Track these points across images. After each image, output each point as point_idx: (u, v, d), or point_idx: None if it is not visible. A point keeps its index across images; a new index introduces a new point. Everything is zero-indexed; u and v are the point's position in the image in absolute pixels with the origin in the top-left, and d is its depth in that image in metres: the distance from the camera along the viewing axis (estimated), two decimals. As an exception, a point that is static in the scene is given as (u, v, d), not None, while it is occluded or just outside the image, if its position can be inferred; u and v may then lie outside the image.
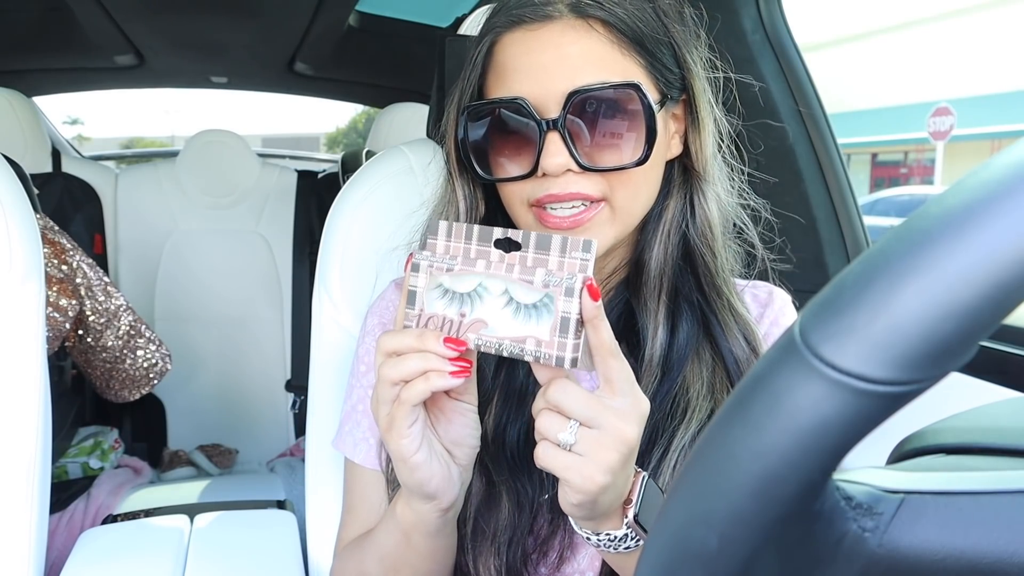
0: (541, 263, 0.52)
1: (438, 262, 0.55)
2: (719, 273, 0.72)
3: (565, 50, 0.64)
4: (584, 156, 0.64)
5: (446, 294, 0.55)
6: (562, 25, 0.65)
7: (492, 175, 0.69)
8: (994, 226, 0.22)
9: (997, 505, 0.28)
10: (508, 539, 0.68)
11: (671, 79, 0.68)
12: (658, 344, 0.70)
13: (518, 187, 0.68)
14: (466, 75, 0.70)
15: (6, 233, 0.84)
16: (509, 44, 0.67)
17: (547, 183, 0.65)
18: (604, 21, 0.64)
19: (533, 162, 0.65)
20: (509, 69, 0.66)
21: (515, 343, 0.52)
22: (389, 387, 0.55)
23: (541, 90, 0.64)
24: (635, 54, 0.65)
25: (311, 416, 0.94)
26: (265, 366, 2.42)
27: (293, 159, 3.60)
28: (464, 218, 0.74)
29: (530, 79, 0.65)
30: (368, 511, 0.76)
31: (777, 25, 1.24)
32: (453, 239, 0.55)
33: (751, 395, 0.27)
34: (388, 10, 2.12)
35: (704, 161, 0.71)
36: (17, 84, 2.30)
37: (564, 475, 0.53)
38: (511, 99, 0.65)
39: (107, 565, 0.91)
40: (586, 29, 0.64)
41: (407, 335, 0.55)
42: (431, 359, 0.53)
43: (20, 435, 0.84)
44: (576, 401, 0.52)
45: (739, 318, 0.72)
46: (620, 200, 0.66)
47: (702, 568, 0.28)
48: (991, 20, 13.04)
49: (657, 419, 0.68)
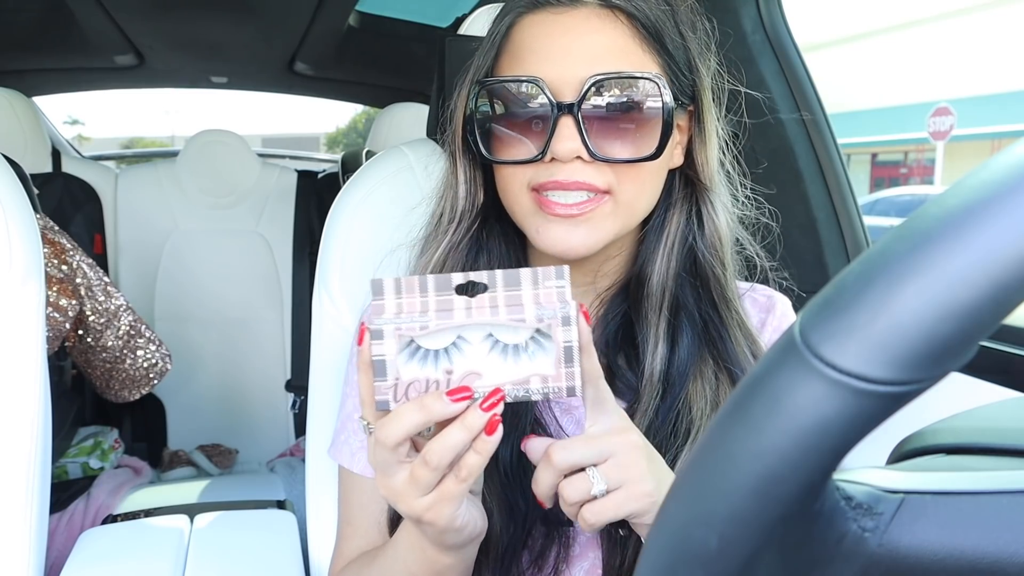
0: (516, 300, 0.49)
1: (405, 322, 0.49)
2: (727, 286, 0.71)
3: (589, 37, 0.64)
4: (596, 145, 0.63)
5: (420, 354, 0.50)
6: (587, 12, 0.64)
7: (497, 156, 0.67)
8: (994, 226, 0.22)
9: (997, 505, 0.28)
10: (502, 553, 0.67)
11: (683, 84, 0.67)
12: (658, 359, 0.69)
13: (520, 170, 0.66)
14: (484, 51, 0.69)
15: (6, 233, 0.84)
16: (530, 25, 0.66)
17: (553, 168, 0.64)
18: (629, 13, 0.64)
19: (543, 145, 0.63)
20: (527, 50, 0.65)
21: (517, 386, 0.50)
22: (432, 472, 0.50)
23: (559, 73, 0.63)
24: (654, 52, 0.65)
25: (311, 416, 0.94)
26: (265, 366, 2.42)
27: (293, 159, 3.60)
28: (463, 204, 0.72)
29: (550, 61, 0.64)
30: (368, 522, 0.75)
31: (777, 25, 1.24)
32: (405, 295, 0.50)
33: (751, 395, 0.27)
34: (388, 10, 2.12)
35: (710, 172, 0.70)
36: (17, 84, 2.30)
37: (627, 514, 0.53)
38: (529, 78, 0.64)
39: (107, 565, 0.91)
40: (611, 19, 0.64)
41: (408, 413, 0.50)
42: (471, 426, 0.49)
43: (20, 435, 0.84)
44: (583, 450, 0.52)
45: (746, 331, 0.71)
46: (625, 194, 0.65)
47: (702, 568, 0.28)
48: (991, 20, 13.04)
49: (660, 437, 0.66)
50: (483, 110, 0.67)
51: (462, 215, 0.72)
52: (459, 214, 0.72)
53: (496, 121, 0.67)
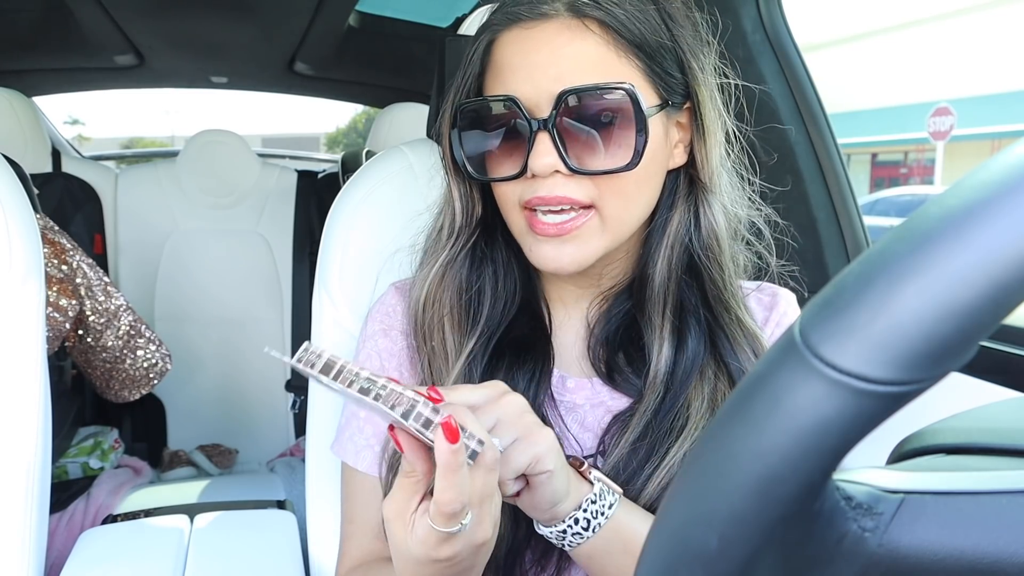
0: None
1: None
2: (727, 287, 0.70)
3: (560, 51, 0.63)
4: (573, 158, 0.63)
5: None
6: (558, 24, 0.64)
7: (484, 175, 0.68)
8: (994, 226, 0.22)
9: (997, 505, 0.28)
10: (505, 553, 0.67)
11: (673, 84, 0.67)
12: (663, 361, 0.69)
13: (510, 188, 0.67)
14: (463, 73, 0.70)
15: (6, 233, 0.84)
16: (506, 43, 0.66)
17: (536, 184, 0.65)
18: (601, 22, 0.63)
19: (523, 162, 0.64)
20: (505, 68, 0.66)
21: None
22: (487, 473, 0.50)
23: (534, 90, 0.64)
24: (633, 57, 0.64)
25: (311, 416, 0.94)
26: (265, 366, 2.42)
27: (293, 159, 3.60)
28: (460, 219, 0.73)
29: (523, 78, 0.64)
30: (371, 520, 0.75)
31: (777, 25, 1.24)
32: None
33: (751, 395, 0.27)
34: (388, 10, 2.12)
35: (710, 171, 0.69)
36: (17, 84, 2.30)
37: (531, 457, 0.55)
38: (504, 98, 0.64)
39: (107, 565, 0.91)
40: (582, 29, 0.63)
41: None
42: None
43: (20, 435, 0.84)
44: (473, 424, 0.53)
45: (747, 331, 0.70)
46: (610, 208, 0.65)
47: (702, 568, 0.28)
48: (991, 20, 13.04)
49: (656, 436, 0.67)
50: (467, 131, 0.68)
51: (460, 230, 0.73)
52: (457, 229, 0.73)
53: (480, 140, 0.68)
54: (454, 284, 0.73)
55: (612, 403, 0.72)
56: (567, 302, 0.76)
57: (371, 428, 0.76)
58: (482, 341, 0.71)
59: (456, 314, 0.73)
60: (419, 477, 0.51)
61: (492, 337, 0.72)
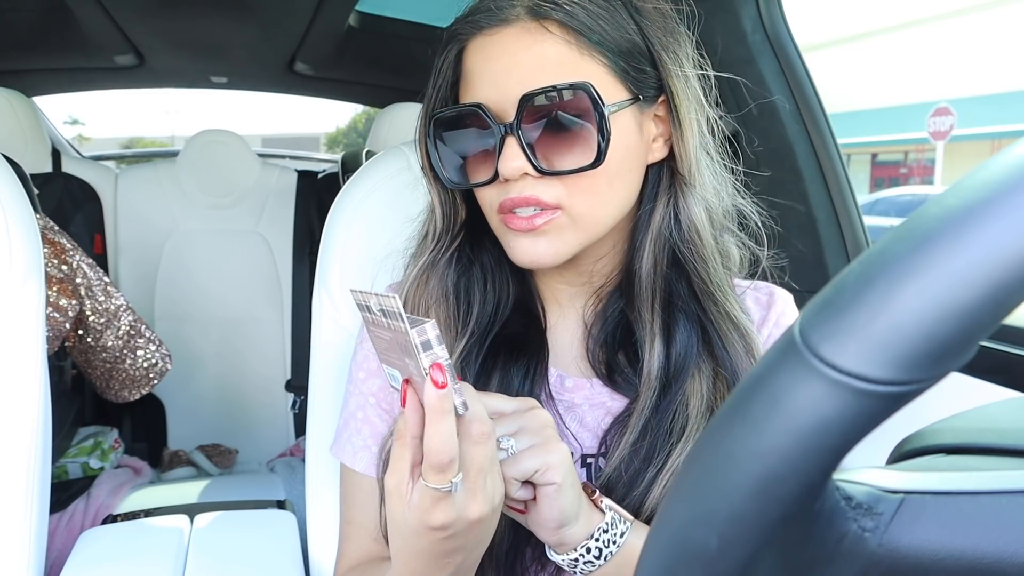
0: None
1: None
2: (711, 280, 0.70)
3: (520, 55, 0.64)
4: (542, 160, 0.64)
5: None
6: (518, 29, 0.64)
7: (461, 181, 0.69)
8: (994, 226, 0.22)
9: (997, 505, 0.28)
10: (505, 551, 0.67)
11: (644, 79, 0.66)
12: (656, 356, 0.69)
13: (487, 193, 0.68)
14: (434, 82, 0.70)
15: (6, 233, 0.84)
16: (473, 51, 0.67)
17: (508, 187, 0.66)
18: (560, 23, 0.63)
19: (494, 167, 0.65)
20: (473, 76, 0.67)
21: None
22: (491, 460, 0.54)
23: (499, 95, 0.64)
24: (597, 55, 0.64)
25: (311, 416, 0.94)
26: (265, 366, 2.42)
27: (293, 159, 3.60)
28: (441, 224, 0.74)
29: (488, 85, 0.65)
30: (369, 521, 0.75)
31: (777, 25, 1.24)
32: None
33: (751, 395, 0.27)
34: (388, 10, 2.12)
35: (688, 164, 0.69)
36: (17, 84, 2.30)
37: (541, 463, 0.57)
38: (471, 105, 0.65)
39: (107, 565, 0.91)
40: (542, 32, 0.63)
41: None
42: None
43: (20, 435, 0.84)
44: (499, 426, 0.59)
45: (739, 326, 0.70)
46: (579, 207, 0.65)
47: (702, 568, 0.28)
48: (991, 20, 13.04)
49: (656, 436, 0.67)
50: (440, 140, 0.70)
51: (440, 235, 0.75)
52: (438, 234, 0.75)
53: (455, 148, 0.69)
54: (439, 287, 0.74)
55: (611, 404, 0.72)
56: (561, 301, 0.76)
57: (368, 429, 0.76)
58: (473, 342, 0.72)
59: (443, 317, 0.73)
60: (408, 440, 0.53)
61: (485, 337, 0.72)
